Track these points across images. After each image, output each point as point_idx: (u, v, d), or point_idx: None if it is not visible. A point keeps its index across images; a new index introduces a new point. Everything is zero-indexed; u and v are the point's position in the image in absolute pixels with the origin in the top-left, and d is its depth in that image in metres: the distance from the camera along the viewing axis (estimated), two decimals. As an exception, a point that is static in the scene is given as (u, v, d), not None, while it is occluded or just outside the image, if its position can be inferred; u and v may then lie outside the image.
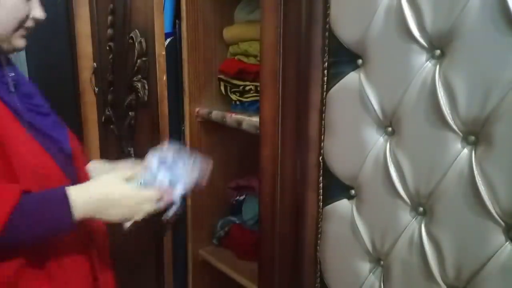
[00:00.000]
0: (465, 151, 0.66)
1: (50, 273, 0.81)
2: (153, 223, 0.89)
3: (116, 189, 0.81)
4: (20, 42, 0.82)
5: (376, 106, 0.75)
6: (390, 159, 0.75)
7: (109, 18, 1.50)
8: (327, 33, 0.80)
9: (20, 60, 1.59)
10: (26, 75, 1.59)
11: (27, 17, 0.80)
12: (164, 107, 1.35)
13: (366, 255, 0.82)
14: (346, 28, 0.77)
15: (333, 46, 0.80)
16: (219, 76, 1.36)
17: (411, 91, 0.70)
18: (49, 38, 1.63)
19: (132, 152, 1.51)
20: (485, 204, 0.64)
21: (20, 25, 0.79)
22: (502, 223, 0.63)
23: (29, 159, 0.76)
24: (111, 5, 1.48)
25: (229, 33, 1.45)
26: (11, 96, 0.80)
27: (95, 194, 0.79)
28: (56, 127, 0.88)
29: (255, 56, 1.26)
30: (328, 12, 0.79)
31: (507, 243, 0.63)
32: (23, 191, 0.73)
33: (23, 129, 0.78)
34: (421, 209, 0.73)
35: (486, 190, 0.64)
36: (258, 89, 0.98)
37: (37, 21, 0.82)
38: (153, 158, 0.87)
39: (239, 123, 1.18)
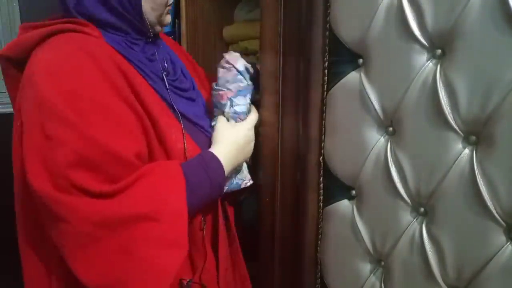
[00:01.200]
0: (466, 151, 0.66)
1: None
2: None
3: (238, 135, 0.81)
4: (168, 18, 0.84)
5: (377, 105, 0.75)
6: (391, 159, 0.75)
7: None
8: (327, 33, 0.80)
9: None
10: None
11: None
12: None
13: (367, 255, 0.82)
14: (346, 28, 0.77)
15: (334, 46, 0.79)
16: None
17: (412, 90, 0.69)
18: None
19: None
20: (486, 205, 0.64)
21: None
22: (503, 223, 0.63)
23: (179, 147, 0.76)
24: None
25: (228, 32, 1.45)
26: (162, 85, 0.80)
27: (228, 151, 0.79)
28: (202, 114, 0.86)
29: (255, 53, 1.26)
30: (328, 11, 0.79)
31: (508, 243, 0.63)
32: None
33: (174, 118, 0.78)
34: (422, 209, 0.73)
35: (487, 190, 0.64)
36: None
37: None
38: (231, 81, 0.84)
39: (239, 122, 1.17)
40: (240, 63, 0.83)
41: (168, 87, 0.80)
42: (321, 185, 0.87)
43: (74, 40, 0.71)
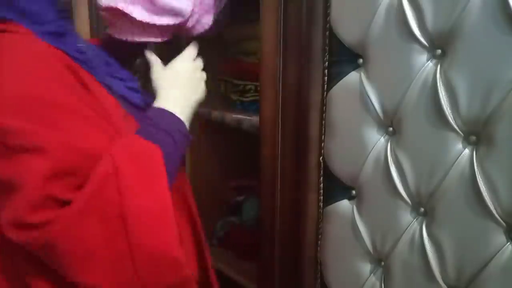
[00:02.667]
0: (466, 151, 0.66)
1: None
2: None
3: (175, 72, 0.77)
4: None
5: (377, 105, 0.75)
6: (391, 159, 0.75)
7: (109, 17, 1.50)
8: (327, 33, 0.80)
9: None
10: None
11: None
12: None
13: (367, 256, 0.82)
14: (346, 28, 0.77)
15: (334, 46, 0.79)
16: (218, 75, 1.36)
17: (412, 90, 0.69)
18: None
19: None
20: (486, 205, 0.64)
21: None
22: (504, 223, 0.63)
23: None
24: (111, 5, 1.47)
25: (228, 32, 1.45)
26: (103, 74, 0.74)
27: (173, 95, 0.74)
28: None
29: (255, 54, 1.26)
30: (328, 11, 0.79)
31: (508, 243, 0.63)
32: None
33: (122, 109, 0.72)
34: (422, 209, 0.72)
35: (488, 190, 0.64)
36: (258, 88, 0.97)
37: None
38: None
39: (239, 123, 1.17)
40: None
41: (111, 76, 0.76)
42: (321, 185, 0.87)
43: (12, 42, 0.63)
